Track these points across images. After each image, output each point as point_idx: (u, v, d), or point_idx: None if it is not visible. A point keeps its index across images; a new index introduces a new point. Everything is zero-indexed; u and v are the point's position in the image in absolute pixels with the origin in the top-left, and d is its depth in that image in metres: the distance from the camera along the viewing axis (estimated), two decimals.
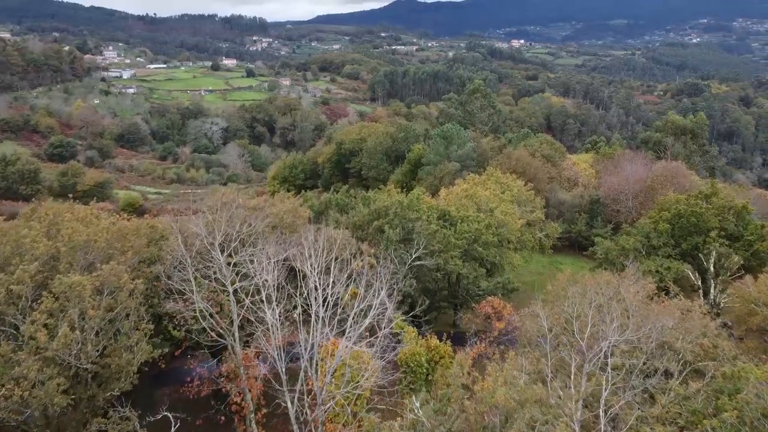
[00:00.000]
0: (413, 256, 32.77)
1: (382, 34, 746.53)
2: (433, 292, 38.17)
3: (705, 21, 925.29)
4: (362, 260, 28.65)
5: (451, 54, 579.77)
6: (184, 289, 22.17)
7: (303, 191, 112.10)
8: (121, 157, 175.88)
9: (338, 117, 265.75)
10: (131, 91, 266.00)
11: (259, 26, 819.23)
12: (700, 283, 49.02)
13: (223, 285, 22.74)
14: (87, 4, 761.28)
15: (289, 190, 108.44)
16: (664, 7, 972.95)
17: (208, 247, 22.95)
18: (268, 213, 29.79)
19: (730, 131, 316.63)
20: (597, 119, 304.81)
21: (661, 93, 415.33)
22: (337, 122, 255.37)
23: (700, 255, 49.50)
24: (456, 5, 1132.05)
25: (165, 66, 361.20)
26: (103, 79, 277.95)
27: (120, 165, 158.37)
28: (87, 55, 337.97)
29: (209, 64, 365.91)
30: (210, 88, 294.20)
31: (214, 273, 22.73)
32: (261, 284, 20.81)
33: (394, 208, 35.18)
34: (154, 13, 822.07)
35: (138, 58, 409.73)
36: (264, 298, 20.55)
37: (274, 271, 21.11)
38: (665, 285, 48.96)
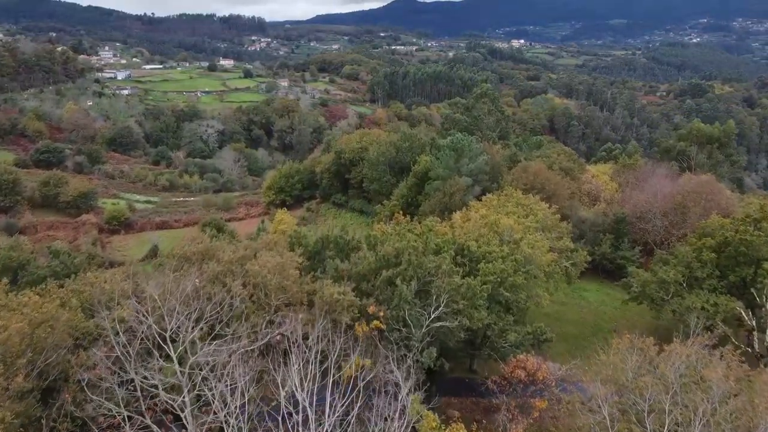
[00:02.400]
0: (432, 316, 26.58)
1: (382, 34, 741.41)
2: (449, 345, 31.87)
3: (704, 21, 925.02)
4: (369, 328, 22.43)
5: (451, 54, 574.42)
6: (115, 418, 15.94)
7: (302, 202, 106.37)
8: (113, 161, 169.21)
9: (337, 119, 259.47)
10: (126, 92, 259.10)
11: (258, 26, 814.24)
12: (753, 322, 42.94)
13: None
14: (85, 4, 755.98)
15: (284, 202, 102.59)
16: (663, 7, 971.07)
17: (156, 342, 16.70)
18: (248, 270, 23.57)
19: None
20: (601, 121, 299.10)
21: (664, 94, 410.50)
22: (336, 124, 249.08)
23: (752, 290, 43.37)
24: (455, 5, 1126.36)
25: (161, 66, 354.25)
26: (96, 81, 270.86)
27: (110, 171, 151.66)
28: (81, 56, 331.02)
29: (206, 64, 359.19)
30: (206, 89, 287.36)
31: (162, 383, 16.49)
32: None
33: (407, 255, 28.90)
34: (152, 13, 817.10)
35: (134, 59, 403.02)
36: None
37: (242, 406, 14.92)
38: (711, 324, 42.93)
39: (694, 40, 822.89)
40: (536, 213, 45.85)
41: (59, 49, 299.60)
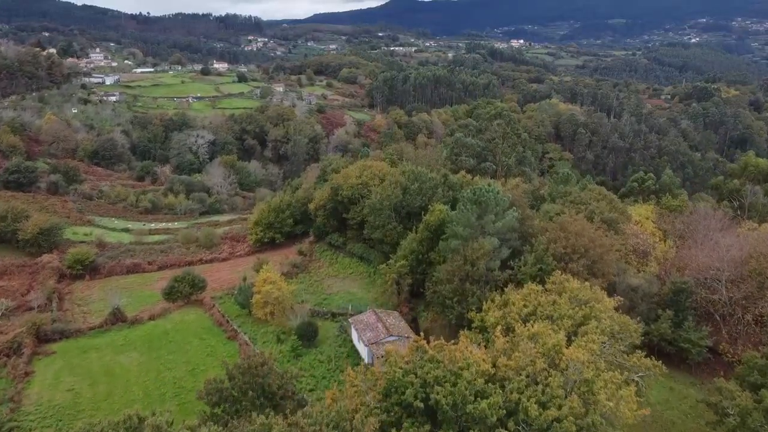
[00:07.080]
0: None
1: (380, 34, 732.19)
2: None
3: (704, 20, 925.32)
4: None
5: (450, 55, 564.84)
6: None
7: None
8: (93, 178, 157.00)
9: (335, 126, 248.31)
10: (113, 98, 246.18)
11: (255, 26, 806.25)
12: None
13: None
14: (80, 3, 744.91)
15: (274, 239, 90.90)
16: (663, 7, 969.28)
17: None
18: None
19: (743, 138, 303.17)
20: (608, 128, 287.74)
21: (669, 97, 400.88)
22: (333, 132, 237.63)
23: None
24: (454, 4, 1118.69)
25: (152, 70, 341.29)
26: (83, 86, 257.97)
27: (87, 191, 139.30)
28: (70, 59, 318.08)
29: (199, 67, 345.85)
30: (199, 94, 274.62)
31: None
32: None
33: None
34: (148, 12, 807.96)
35: (126, 61, 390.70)
36: None
37: None
38: None
39: (694, 40, 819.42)
40: (599, 315, 34.32)
41: (44, 53, 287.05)
